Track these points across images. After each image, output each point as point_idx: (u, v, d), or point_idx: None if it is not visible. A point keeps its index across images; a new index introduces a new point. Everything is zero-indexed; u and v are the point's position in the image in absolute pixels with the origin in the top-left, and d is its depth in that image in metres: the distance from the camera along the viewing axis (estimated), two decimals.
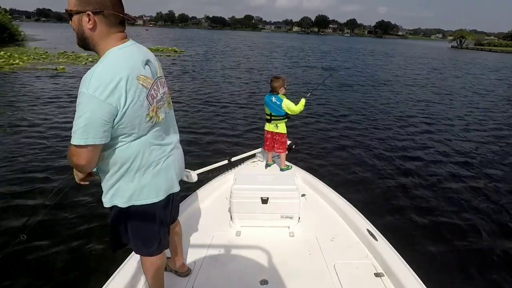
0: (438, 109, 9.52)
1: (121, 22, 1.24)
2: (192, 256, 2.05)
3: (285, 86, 3.27)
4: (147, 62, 1.26)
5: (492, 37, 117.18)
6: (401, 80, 15.34)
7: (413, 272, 1.81)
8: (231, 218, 2.35)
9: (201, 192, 2.73)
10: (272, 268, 1.94)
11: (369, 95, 11.26)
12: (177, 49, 25.40)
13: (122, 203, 1.32)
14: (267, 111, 3.30)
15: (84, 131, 1.08)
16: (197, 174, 2.70)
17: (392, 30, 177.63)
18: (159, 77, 1.34)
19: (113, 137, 1.19)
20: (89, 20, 1.16)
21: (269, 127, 3.36)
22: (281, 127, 3.32)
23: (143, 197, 1.33)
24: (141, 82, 1.19)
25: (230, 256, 2.05)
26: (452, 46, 79.60)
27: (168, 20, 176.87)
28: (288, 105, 3.21)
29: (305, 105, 3.28)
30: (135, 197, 1.32)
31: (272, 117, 3.29)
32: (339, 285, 1.81)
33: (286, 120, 3.33)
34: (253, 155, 3.61)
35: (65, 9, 1.18)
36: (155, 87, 1.28)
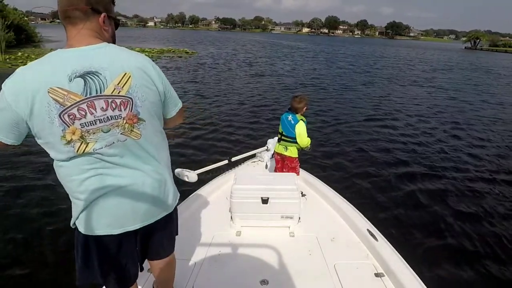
0: (440, 110, 9.41)
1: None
2: (192, 256, 2.06)
3: (307, 107, 3.00)
4: (86, 74, 0.99)
5: (507, 38, 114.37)
6: (402, 80, 15.14)
7: (414, 272, 1.81)
8: (231, 218, 2.35)
9: (201, 192, 2.75)
10: (272, 268, 1.94)
11: (370, 95, 11.16)
12: (188, 50, 25.20)
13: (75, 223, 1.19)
14: (280, 129, 3.04)
15: None
16: (197, 174, 2.71)
17: (403, 31, 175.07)
18: (110, 96, 1.04)
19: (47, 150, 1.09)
20: None
21: (278, 148, 3.09)
22: (291, 150, 3.00)
23: (81, 222, 1.16)
24: (52, 96, 0.96)
25: (230, 256, 2.06)
26: (466, 47, 78.12)
27: (178, 21, 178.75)
28: (300, 131, 2.87)
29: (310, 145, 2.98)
30: (78, 220, 1.17)
31: (283, 137, 3.00)
32: (340, 285, 1.80)
33: (297, 144, 2.96)
34: (253, 155, 3.60)
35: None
36: (83, 106, 1.01)
